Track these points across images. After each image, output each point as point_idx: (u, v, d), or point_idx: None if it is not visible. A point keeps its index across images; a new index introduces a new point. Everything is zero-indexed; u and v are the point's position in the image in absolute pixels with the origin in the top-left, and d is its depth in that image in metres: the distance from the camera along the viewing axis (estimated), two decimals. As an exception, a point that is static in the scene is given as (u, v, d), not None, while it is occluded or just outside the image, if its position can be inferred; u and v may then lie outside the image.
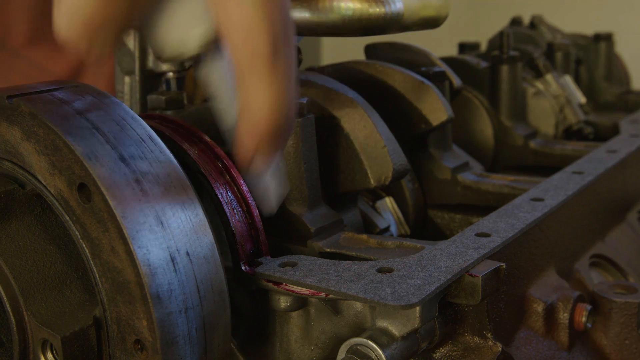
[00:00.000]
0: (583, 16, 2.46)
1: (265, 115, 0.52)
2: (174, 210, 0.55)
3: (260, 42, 0.50)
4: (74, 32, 0.50)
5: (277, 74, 0.51)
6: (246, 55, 0.50)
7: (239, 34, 0.50)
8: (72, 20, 0.50)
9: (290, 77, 0.52)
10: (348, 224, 0.79)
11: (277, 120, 0.52)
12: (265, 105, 0.51)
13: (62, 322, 0.56)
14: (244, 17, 0.49)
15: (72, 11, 0.50)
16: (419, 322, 0.58)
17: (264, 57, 0.50)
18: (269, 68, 0.50)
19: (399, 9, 0.77)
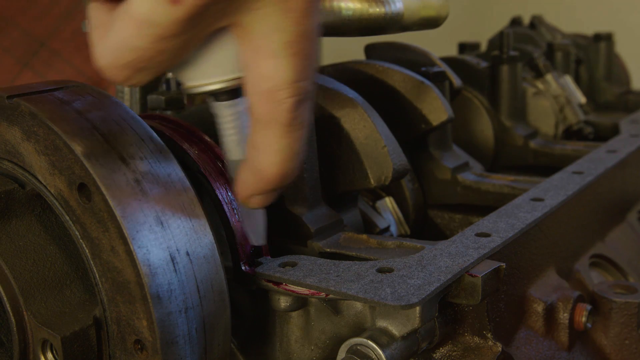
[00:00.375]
0: (583, 16, 2.46)
1: (273, 171, 0.54)
2: (174, 210, 0.55)
3: (283, 108, 0.51)
4: (115, 68, 0.51)
5: (291, 134, 0.53)
6: (266, 114, 0.52)
7: (264, 94, 0.51)
8: (115, 57, 0.50)
9: (303, 136, 0.54)
10: (348, 224, 0.79)
11: (282, 175, 0.54)
12: (276, 160, 0.53)
13: (62, 322, 0.56)
14: (274, 76, 0.50)
15: (117, 50, 0.49)
16: (419, 322, 0.58)
17: (282, 121, 0.52)
18: (285, 130, 0.52)
19: (399, 9, 0.77)
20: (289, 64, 0.50)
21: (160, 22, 0.47)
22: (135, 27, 0.48)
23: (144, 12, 0.47)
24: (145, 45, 0.49)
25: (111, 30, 0.50)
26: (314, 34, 0.51)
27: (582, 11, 2.51)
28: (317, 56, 0.52)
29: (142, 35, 0.48)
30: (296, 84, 0.51)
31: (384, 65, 0.93)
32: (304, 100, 0.52)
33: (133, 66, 0.50)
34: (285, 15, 0.49)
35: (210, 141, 0.68)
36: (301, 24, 0.50)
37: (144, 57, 0.49)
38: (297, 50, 0.50)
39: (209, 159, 0.67)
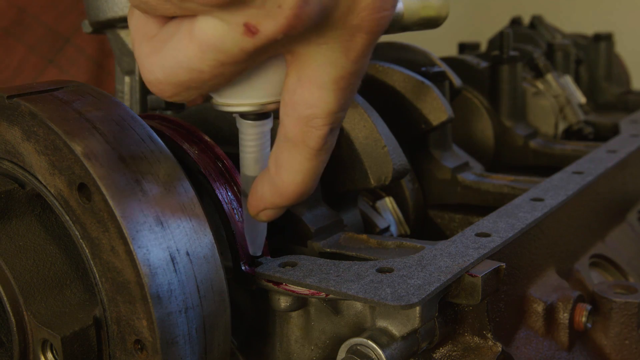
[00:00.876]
0: (583, 16, 2.46)
1: (292, 189, 0.55)
2: (174, 210, 0.55)
3: (317, 134, 0.52)
4: (165, 84, 0.50)
5: (317, 158, 0.53)
6: (299, 136, 0.52)
7: (302, 119, 0.52)
8: (168, 75, 0.49)
9: (327, 159, 0.55)
10: (348, 224, 0.79)
11: (300, 194, 0.55)
12: (297, 180, 0.54)
13: (62, 322, 0.56)
14: (317, 105, 0.51)
15: (172, 68, 0.49)
16: (419, 322, 0.58)
17: (313, 146, 0.53)
18: (313, 154, 0.53)
19: (399, 9, 0.77)
20: (335, 97, 0.51)
21: (227, 49, 0.47)
22: (198, 50, 0.47)
23: (212, 37, 0.46)
24: (205, 69, 0.48)
25: (167, 48, 0.49)
26: (364, 71, 0.52)
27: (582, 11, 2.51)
28: (357, 89, 0.53)
29: (204, 59, 0.47)
30: (335, 115, 0.52)
31: (384, 65, 0.93)
32: (337, 128, 0.53)
33: (186, 86, 0.50)
34: (343, 54, 0.49)
35: (210, 141, 0.68)
36: (357, 64, 0.50)
37: (200, 79, 0.49)
38: (345, 86, 0.51)
39: (209, 159, 0.67)
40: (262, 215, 0.58)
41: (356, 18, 0.48)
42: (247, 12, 0.45)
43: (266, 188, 0.56)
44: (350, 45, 0.49)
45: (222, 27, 0.46)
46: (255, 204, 0.57)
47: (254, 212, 0.58)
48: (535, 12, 1.64)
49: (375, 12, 0.48)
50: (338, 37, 0.48)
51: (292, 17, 0.45)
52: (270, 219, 0.59)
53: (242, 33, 0.46)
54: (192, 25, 0.47)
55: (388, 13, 0.48)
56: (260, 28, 0.45)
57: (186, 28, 0.48)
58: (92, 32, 0.89)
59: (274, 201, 0.56)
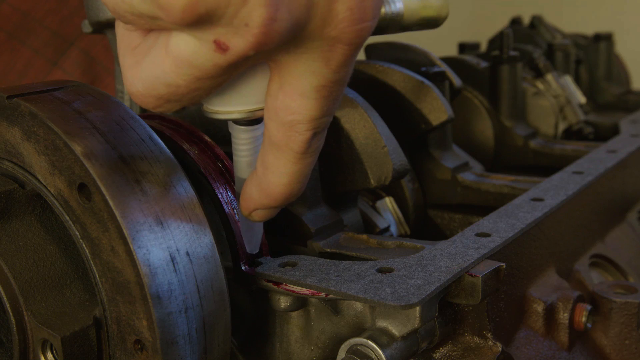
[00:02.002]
0: (583, 16, 2.46)
1: (278, 191, 0.55)
2: (174, 210, 0.55)
3: (300, 139, 0.52)
4: (146, 97, 0.50)
5: (302, 161, 0.54)
6: (282, 140, 0.52)
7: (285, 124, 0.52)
8: (148, 88, 0.49)
9: (313, 162, 0.55)
10: (348, 224, 0.79)
11: (287, 195, 0.55)
12: (282, 182, 0.54)
13: (62, 322, 0.56)
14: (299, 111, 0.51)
15: (151, 82, 0.49)
16: (419, 322, 0.58)
17: (297, 150, 0.53)
18: (297, 157, 0.53)
19: (399, 9, 0.77)
20: (316, 104, 0.51)
21: (200, 65, 0.47)
22: (173, 65, 0.47)
23: (185, 53, 0.47)
24: (181, 83, 0.48)
25: (146, 60, 0.49)
26: (347, 80, 0.51)
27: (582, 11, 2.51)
28: (342, 95, 0.53)
29: (179, 74, 0.48)
30: (317, 120, 0.52)
31: (384, 65, 0.93)
32: (321, 132, 0.53)
33: (165, 99, 0.50)
34: (324, 64, 0.49)
35: (210, 141, 0.68)
36: (338, 73, 0.50)
37: (178, 93, 0.49)
38: (327, 94, 0.50)
39: (209, 159, 0.67)
40: (255, 215, 0.58)
41: (334, 30, 0.47)
42: (216, 30, 0.45)
43: (254, 189, 0.56)
44: (330, 56, 0.49)
45: (194, 43, 0.46)
46: (246, 205, 0.58)
47: (246, 213, 0.58)
48: (535, 12, 1.64)
49: (354, 23, 0.47)
50: (317, 48, 0.48)
51: (260, 35, 0.45)
52: (263, 219, 0.59)
53: (214, 50, 0.46)
54: (168, 40, 0.47)
55: (368, 24, 0.48)
56: (229, 45, 0.45)
57: (162, 42, 0.48)
58: (92, 32, 0.89)
59: (262, 202, 0.56)
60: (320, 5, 0.46)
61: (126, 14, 0.47)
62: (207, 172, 0.65)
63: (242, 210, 0.59)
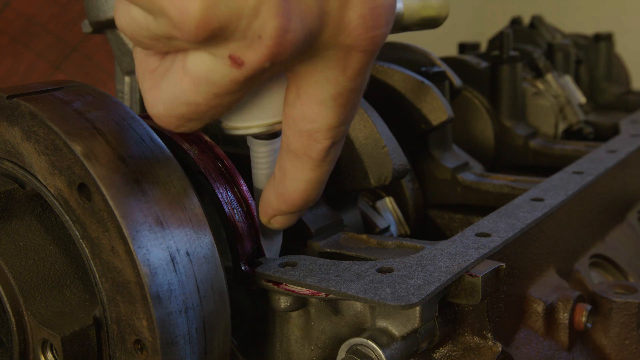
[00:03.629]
0: (583, 16, 2.46)
1: (296, 196, 0.55)
2: (174, 210, 0.55)
3: (318, 148, 0.52)
4: (167, 117, 0.51)
5: (320, 169, 0.54)
6: (300, 149, 0.53)
7: (303, 133, 0.52)
8: (168, 109, 0.50)
9: (330, 170, 0.55)
10: (348, 224, 0.79)
11: (304, 201, 0.56)
12: (300, 188, 0.55)
13: (62, 322, 0.56)
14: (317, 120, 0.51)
15: (171, 102, 0.49)
16: (419, 322, 0.58)
17: (315, 158, 0.53)
18: (315, 165, 0.54)
19: (399, 9, 0.77)
20: (334, 113, 0.51)
21: (218, 81, 0.47)
22: (191, 84, 0.48)
23: (202, 71, 0.47)
24: (201, 101, 0.49)
25: (164, 82, 0.49)
26: (364, 87, 0.51)
27: (582, 11, 2.51)
28: (359, 103, 0.53)
29: (198, 92, 0.48)
30: (336, 129, 0.52)
31: (384, 65, 0.93)
32: (339, 141, 0.53)
33: (187, 118, 0.50)
34: (340, 72, 0.49)
35: (210, 141, 0.68)
36: (354, 81, 0.50)
37: (198, 111, 0.50)
38: (344, 102, 0.51)
39: (209, 159, 0.67)
40: (274, 222, 0.59)
41: (348, 38, 0.47)
42: (230, 45, 0.45)
43: (272, 195, 0.57)
44: (346, 64, 0.49)
45: (210, 60, 0.46)
46: (264, 211, 0.58)
47: (265, 219, 0.59)
48: (535, 12, 1.64)
49: (367, 31, 0.47)
50: (332, 56, 0.48)
51: (273, 46, 0.45)
52: (282, 226, 0.59)
53: (230, 65, 0.46)
54: (185, 60, 0.48)
55: (381, 31, 0.48)
56: (244, 59, 0.46)
57: (180, 63, 0.48)
58: (92, 32, 0.89)
59: (280, 207, 0.57)
60: (332, 14, 0.46)
61: (144, 39, 0.48)
62: (207, 172, 0.65)
63: (261, 217, 0.59)
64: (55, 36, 1.25)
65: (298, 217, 0.59)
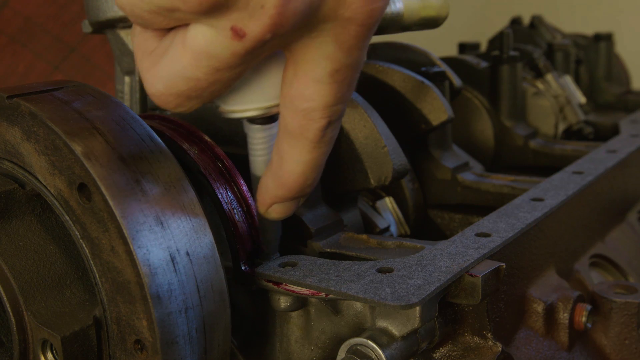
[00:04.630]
0: (583, 16, 2.46)
1: (293, 179, 0.55)
2: (174, 210, 0.55)
3: (315, 127, 0.52)
4: (167, 96, 0.51)
5: (317, 150, 0.54)
6: (298, 129, 0.53)
7: (300, 112, 0.52)
8: (168, 86, 0.50)
9: (327, 151, 0.55)
10: (348, 224, 0.79)
11: (302, 185, 0.56)
12: (297, 171, 0.54)
13: (62, 322, 0.56)
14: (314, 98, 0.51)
15: (171, 79, 0.49)
16: (419, 322, 0.58)
17: (312, 138, 0.53)
18: (312, 146, 0.53)
19: (399, 9, 0.77)
20: (331, 90, 0.51)
21: (219, 55, 0.47)
22: (192, 58, 0.48)
23: (202, 45, 0.47)
24: (201, 76, 0.49)
25: (164, 59, 0.49)
26: (361, 64, 0.52)
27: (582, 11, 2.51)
28: (356, 81, 0.53)
29: (199, 67, 0.48)
30: (332, 107, 0.52)
31: (384, 65, 0.93)
32: (336, 121, 0.53)
33: (186, 95, 0.50)
34: (337, 47, 0.49)
35: (210, 141, 0.68)
36: (351, 56, 0.50)
37: (198, 87, 0.50)
38: (341, 79, 0.51)
39: (209, 159, 0.67)
40: (272, 211, 0.58)
41: (347, 10, 0.48)
42: (232, 16, 0.45)
43: (270, 180, 0.56)
44: (344, 38, 0.49)
45: (211, 33, 0.46)
46: (262, 199, 0.58)
47: (263, 209, 0.58)
48: (535, 12, 1.64)
49: (366, 4, 0.48)
50: (330, 30, 0.49)
51: (276, 16, 0.45)
52: (280, 216, 0.59)
53: (231, 37, 0.46)
54: (185, 35, 0.48)
55: (380, 4, 0.48)
56: (246, 30, 0.46)
57: (180, 38, 0.48)
58: (92, 32, 0.89)
59: (277, 192, 0.56)
60: None
61: (144, 13, 0.48)
62: (207, 172, 0.65)
63: (259, 206, 0.59)
64: (53, 36, 1.25)
65: (296, 206, 0.59)
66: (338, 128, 0.54)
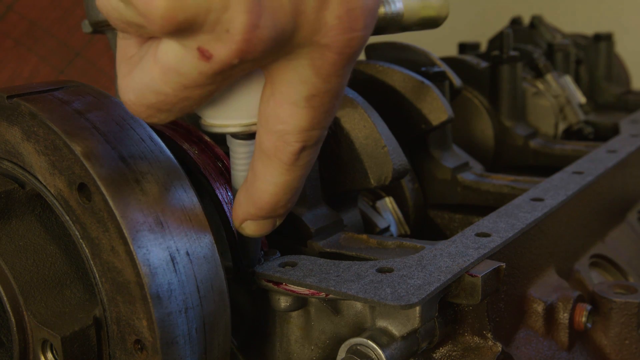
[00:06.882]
0: (583, 16, 2.46)
1: (265, 199, 0.54)
2: (174, 210, 0.55)
3: (289, 150, 0.51)
4: (137, 106, 0.50)
5: (291, 173, 0.53)
6: (271, 150, 0.52)
7: (274, 133, 0.51)
8: (139, 97, 0.49)
9: (302, 176, 0.54)
10: (348, 224, 0.79)
11: (273, 206, 0.54)
12: (269, 191, 0.53)
13: (62, 322, 0.56)
14: (288, 121, 0.50)
15: (141, 90, 0.49)
16: (419, 322, 0.58)
17: (285, 161, 0.52)
18: (286, 168, 0.52)
19: (399, 9, 0.77)
20: (306, 115, 0.50)
21: (187, 73, 0.47)
22: (160, 73, 0.47)
23: (171, 61, 0.47)
24: (169, 92, 0.48)
25: (137, 69, 0.49)
26: (340, 92, 0.50)
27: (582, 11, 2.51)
28: (336, 109, 0.52)
29: (167, 82, 0.47)
30: (307, 132, 0.51)
31: (384, 65, 0.93)
32: (312, 146, 0.52)
33: (156, 108, 0.50)
34: (314, 72, 0.48)
35: (210, 141, 0.68)
36: (329, 83, 0.49)
37: (167, 102, 0.49)
38: (318, 105, 0.50)
39: (209, 159, 0.67)
40: (245, 228, 0.57)
41: (324, 38, 0.47)
42: (199, 37, 0.45)
43: (242, 197, 0.56)
44: (320, 64, 0.48)
45: (180, 50, 0.46)
46: (235, 214, 0.57)
47: (236, 223, 0.57)
48: (535, 12, 1.64)
49: (343, 32, 0.47)
50: (307, 55, 0.47)
51: (241, 42, 0.44)
52: (253, 233, 0.57)
53: (198, 58, 0.46)
54: (157, 49, 0.47)
55: (358, 34, 0.47)
56: (213, 53, 0.45)
57: (152, 51, 0.48)
58: (92, 32, 0.89)
59: (249, 210, 0.55)
60: (307, 14, 0.46)
61: (117, 22, 0.48)
62: (207, 172, 0.65)
63: (233, 220, 0.58)
64: (58, 40, 1.25)
65: (270, 227, 0.57)
66: (316, 153, 0.53)
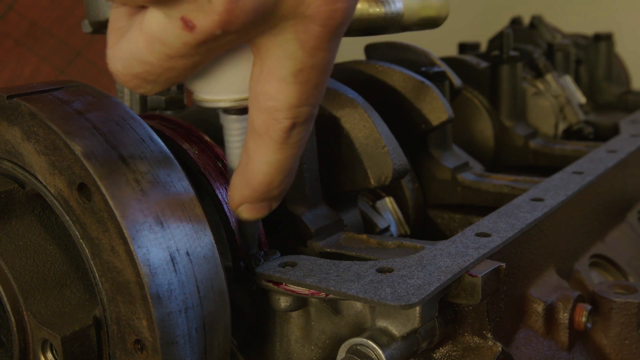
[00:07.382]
0: (583, 16, 2.46)
1: (259, 180, 0.54)
2: (174, 210, 0.55)
3: (279, 127, 0.51)
4: (124, 75, 0.51)
5: (283, 152, 0.53)
6: (262, 127, 0.52)
7: (264, 110, 0.51)
8: (125, 66, 0.50)
9: (295, 154, 0.54)
10: (348, 224, 0.79)
11: (267, 186, 0.54)
12: (263, 170, 0.53)
13: (62, 322, 0.56)
14: (277, 97, 0.50)
15: (127, 59, 0.49)
16: (419, 322, 0.58)
17: (276, 138, 0.52)
18: (277, 147, 0.52)
19: (399, 9, 0.77)
20: (294, 91, 0.50)
21: (170, 43, 0.47)
22: (145, 42, 0.48)
23: (156, 30, 0.47)
24: (154, 61, 0.48)
25: (124, 39, 0.49)
26: (327, 67, 0.51)
27: (582, 11, 2.51)
28: (325, 85, 0.52)
29: (152, 51, 0.48)
30: (296, 109, 0.51)
31: (384, 65, 0.93)
32: (302, 124, 0.52)
33: (142, 78, 0.50)
34: (299, 46, 0.48)
35: (210, 141, 0.68)
36: (315, 57, 0.49)
37: (152, 72, 0.49)
38: (305, 80, 0.50)
39: (209, 159, 0.67)
40: (242, 211, 0.57)
41: (308, 9, 0.47)
42: (182, 7, 0.45)
43: (238, 178, 0.55)
44: (305, 37, 0.48)
45: (164, 20, 0.46)
46: (231, 197, 0.57)
47: (233, 207, 0.57)
48: (535, 12, 1.64)
49: (326, 3, 0.47)
50: (292, 28, 0.48)
51: (224, 12, 0.45)
52: (250, 217, 0.57)
53: (181, 27, 0.46)
54: (142, 18, 0.48)
55: (342, 5, 0.47)
56: (196, 23, 0.45)
57: (138, 21, 0.48)
58: (92, 32, 0.89)
59: (244, 192, 0.55)
60: None
61: None
62: (207, 172, 0.65)
63: (229, 203, 0.57)
64: (59, 40, 1.25)
65: (266, 210, 0.57)
66: (307, 131, 0.53)
